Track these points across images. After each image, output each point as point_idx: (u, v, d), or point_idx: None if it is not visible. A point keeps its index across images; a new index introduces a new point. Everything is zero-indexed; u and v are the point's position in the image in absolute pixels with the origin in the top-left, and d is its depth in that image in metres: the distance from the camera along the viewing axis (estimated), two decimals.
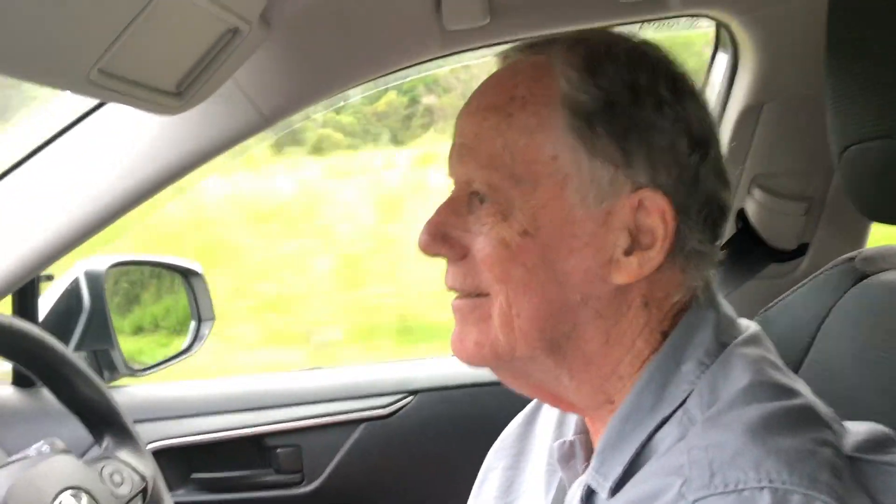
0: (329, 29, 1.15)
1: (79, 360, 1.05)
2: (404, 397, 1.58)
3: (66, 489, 0.89)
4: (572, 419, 0.86)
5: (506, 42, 1.22)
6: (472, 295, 0.75)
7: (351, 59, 1.21)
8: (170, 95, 0.99)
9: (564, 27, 1.19)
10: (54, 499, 0.87)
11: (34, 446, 1.01)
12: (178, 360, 1.69)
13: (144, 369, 1.64)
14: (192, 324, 1.73)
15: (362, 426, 1.56)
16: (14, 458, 0.94)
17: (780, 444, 0.62)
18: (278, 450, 1.55)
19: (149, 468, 1.06)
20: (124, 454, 1.05)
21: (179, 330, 1.91)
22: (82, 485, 0.92)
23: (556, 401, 0.80)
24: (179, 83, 0.99)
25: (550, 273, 0.71)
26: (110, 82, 0.84)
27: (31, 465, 0.90)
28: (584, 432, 0.83)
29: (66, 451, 0.98)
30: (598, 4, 1.19)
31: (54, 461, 0.93)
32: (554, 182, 0.71)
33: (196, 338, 1.72)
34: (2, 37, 0.69)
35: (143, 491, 1.04)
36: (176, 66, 0.96)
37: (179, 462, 1.51)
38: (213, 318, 1.73)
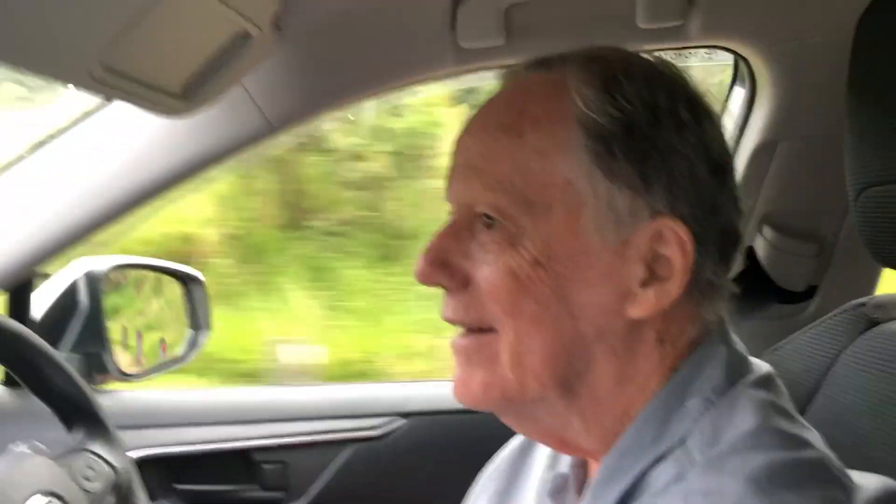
0: (342, 40, 1.14)
1: (51, 349, 1.02)
2: (396, 419, 1.55)
3: (37, 493, 0.86)
4: None
5: None
6: (474, 329, 0.70)
7: (363, 72, 1.20)
8: (175, 97, 0.98)
9: None
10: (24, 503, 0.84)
11: (10, 447, 0.99)
12: (172, 367, 1.66)
13: (137, 374, 1.61)
14: (189, 332, 1.70)
15: (352, 447, 1.53)
16: None
17: (785, 499, 0.59)
18: (264, 465, 1.51)
19: (120, 459, 1.03)
20: (96, 446, 1.02)
21: None
22: (54, 488, 0.89)
23: (564, 446, 0.75)
24: (185, 85, 0.98)
25: (564, 306, 0.66)
26: (113, 79, 0.83)
27: (3, 468, 0.87)
28: (579, 465, 0.79)
29: (42, 454, 0.95)
30: (617, 29, 1.17)
31: (27, 464, 0.90)
32: (568, 208, 0.66)
33: (192, 346, 1.69)
34: (3, 26, 0.67)
35: (117, 485, 1.01)
36: (182, 68, 0.95)
37: (163, 472, 1.48)
38: (209, 328, 1.70)
